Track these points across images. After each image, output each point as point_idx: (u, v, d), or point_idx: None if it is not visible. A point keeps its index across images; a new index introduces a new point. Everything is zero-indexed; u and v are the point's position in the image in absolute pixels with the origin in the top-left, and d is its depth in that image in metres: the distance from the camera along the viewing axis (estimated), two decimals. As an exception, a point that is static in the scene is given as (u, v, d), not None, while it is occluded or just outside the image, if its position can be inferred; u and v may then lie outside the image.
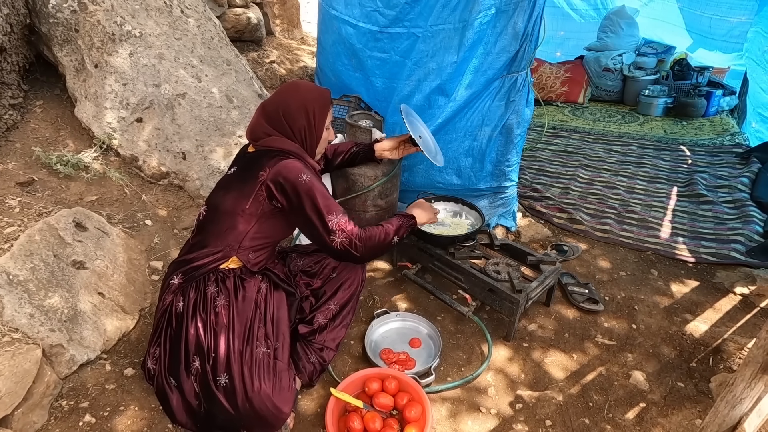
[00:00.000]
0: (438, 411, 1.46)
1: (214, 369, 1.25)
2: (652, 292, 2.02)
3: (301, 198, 1.33)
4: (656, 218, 2.64)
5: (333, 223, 1.35)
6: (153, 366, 1.37)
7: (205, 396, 1.27)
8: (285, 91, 1.46)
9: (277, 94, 1.45)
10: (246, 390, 1.23)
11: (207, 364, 1.26)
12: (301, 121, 1.41)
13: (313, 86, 1.51)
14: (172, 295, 1.36)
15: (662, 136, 4.11)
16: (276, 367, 1.29)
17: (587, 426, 1.43)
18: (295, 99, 1.42)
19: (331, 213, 1.36)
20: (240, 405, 1.23)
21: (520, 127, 2.18)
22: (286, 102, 1.42)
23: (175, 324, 1.33)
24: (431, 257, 1.93)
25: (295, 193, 1.33)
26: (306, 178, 1.34)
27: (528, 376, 1.60)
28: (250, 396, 1.23)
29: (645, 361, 1.66)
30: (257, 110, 1.46)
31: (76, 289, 1.54)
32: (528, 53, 2.02)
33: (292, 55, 3.63)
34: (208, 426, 1.30)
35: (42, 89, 2.20)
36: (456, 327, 1.81)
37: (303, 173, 1.35)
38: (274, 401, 1.24)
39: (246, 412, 1.24)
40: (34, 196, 1.82)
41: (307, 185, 1.34)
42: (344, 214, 1.39)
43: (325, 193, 1.38)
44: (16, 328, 1.31)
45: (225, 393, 1.24)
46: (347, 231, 1.37)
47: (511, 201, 2.37)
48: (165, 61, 2.11)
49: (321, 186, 1.38)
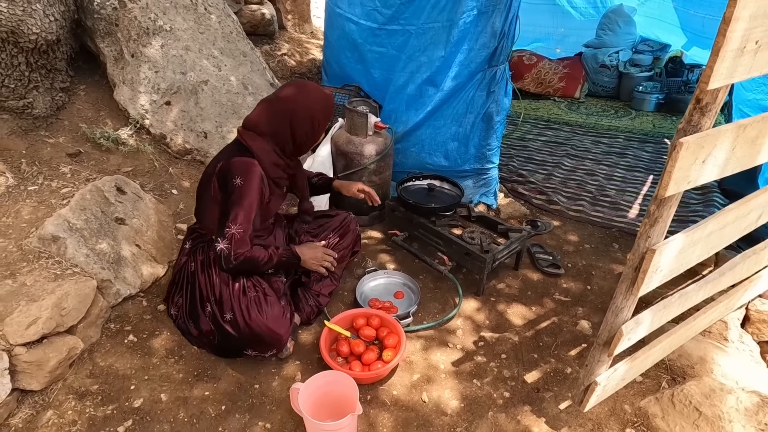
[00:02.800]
0: (413, 345, 1.77)
1: (221, 309, 1.55)
2: (610, 261, 2.30)
3: (227, 194, 1.50)
4: (627, 201, 2.91)
5: (228, 231, 1.47)
6: (175, 312, 1.71)
7: (217, 329, 1.58)
8: (296, 95, 1.55)
9: (288, 96, 1.55)
10: (245, 319, 1.52)
11: (215, 306, 1.57)
12: (305, 127, 1.56)
13: (320, 93, 1.59)
14: (186, 257, 1.68)
15: (650, 129, 4.33)
16: (267, 301, 1.57)
17: (536, 359, 1.73)
18: (304, 106, 1.54)
19: (235, 222, 1.47)
20: (243, 330, 1.52)
21: (500, 115, 2.46)
22: (295, 107, 1.53)
23: (191, 279, 1.65)
24: (416, 225, 2.23)
25: (225, 188, 1.50)
26: (240, 181, 1.47)
27: (491, 322, 1.90)
28: (249, 323, 1.51)
29: (593, 314, 1.95)
30: (263, 104, 1.58)
31: (119, 240, 1.87)
32: (506, 49, 2.30)
33: (302, 48, 3.93)
34: (223, 349, 1.63)
35: (84, 76, 2.54)
36: (435, 284, 2.11)
37: (242, 177, 1.46)
38: (268, 325, 1.53)
39: (248, 335, 1.53)
40: (81, 165, 2.16)
41: (237, 189, 1.47)
42: (246, 232, 1.48)
43: (248, 205, 1.48)
44: (76, 264, 1.65)
45: (231, 324, 1.54)
46: (232, 245, 1.47)
47: (493, 181, 2.66)
48: (191, 52, 2.43)
49: (251, 197, 1.48)
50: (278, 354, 1.64)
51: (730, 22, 0.73)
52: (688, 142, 0.85)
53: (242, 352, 1.61)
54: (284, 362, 1.66)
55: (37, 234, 1.65)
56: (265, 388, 1.56)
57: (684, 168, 0.88)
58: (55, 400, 1.43)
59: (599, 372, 1.27)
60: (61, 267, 1.61)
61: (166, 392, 1.51)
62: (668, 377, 1.61)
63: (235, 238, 1.48)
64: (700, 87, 0.82)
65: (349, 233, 1.95)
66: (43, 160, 2.07)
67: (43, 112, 2.19)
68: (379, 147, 2.33)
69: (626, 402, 1.53)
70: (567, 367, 1.69)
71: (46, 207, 1.82)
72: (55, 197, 1.89)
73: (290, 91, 1.58)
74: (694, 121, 0.89)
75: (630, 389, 1.57)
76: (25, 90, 2.11)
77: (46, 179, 1.98)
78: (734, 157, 0.98)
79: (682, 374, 1.61)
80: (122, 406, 1.45)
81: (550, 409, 1.52)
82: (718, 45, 0.76)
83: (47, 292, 1.48)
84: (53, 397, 1.44)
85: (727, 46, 0.76)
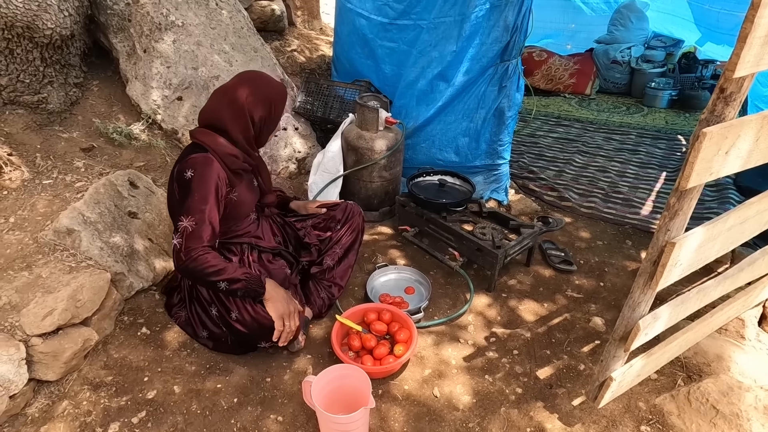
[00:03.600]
0: (424, 341, 1.76)
1: (225, 309, 1.55)
2: (623, 258, 2.27)
3: (178, 188, 1.45)
4: (640, 198, 2.87)
5: (180, 224, 1.40)
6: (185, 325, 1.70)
7: (227, 328, 1.57)
8: (250, 80, 1.52)
9: (242, 83, 1.50)
10: (251, 314, 1.51)
11: (219, 307, 1.56)
12: (262, 112, 1.52)
13: (273, 79, 1.57)
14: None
15: (662, 126, 4.27)
16: None
17: (548, 355, 1.71)
18: (261, 90, 1.50)
19: (186, 215, 1.39)
20: (251, 325, 1.51)
21: (511, 110, 2.44)
22: (251, 91, 1.49)
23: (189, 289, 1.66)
24: (427, 221, 2.22)
25: (177, 182, 1.45)
26: (191, 173, 1.41)
27: (503, 318, 1.89)
28: (255, 317, 1.50)
29: (606, 310, 1.93)
30: (216, 95, 1.51)
31: (132, 234, 1.89)
32: (518, 44, 2.28)
33: (311, 45, 3.93)
34: (238, 346, 1.62)
35: (97, 71, 2.56)
36: (446, 280, 2.10)
37: (193, 169, 1.41)
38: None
39: (258, 329, 1.52)
40: (95, 159, 2.18)
41: (188, 182, 1.41)
42: (198, 225, 1.38)
43: (200, 197, 1.39)
44: (90, 257, 1.66)
45: (239, 321, 1.52)
46: (183, 240, 1.39)
47: (504, 177, 2.64)
48: (202, 47, 2.44)
49: (203, 188, 1.40)
50: (290, 348, 1.64)
51: (759, 8, 0.72)
52: (711, 132, 0.83)
53: (257, 345, 1.61)
54: (295, 356, 1.66)
55: (53, 227, 1.67)
56: (277, 381, 1.57)
57: (707, 159, 0.86)
58: (71, 390, 1.45)
59: (614, 368, 1.25)
60: (76, 260, 1.63)
61: (178, 384, 1.52)
62: (684, 375, 1.59)
63: (187, 232, 1.38)
64: (725, 75, 0.80)
65: (355, 216, 1.93)
66: (58, 155, 2.09)
67: (57, 107, 2.21)
68: (390, 142, 2.32)
69: (641, 399, 1.51)
70: (580, 363, 1.67)
71: (60, 200, 1.83)
72: (70, 191, 1.90)
73: (243, 78, 1.54)
74: (717, 111, 0.87)
75: (644, 386, 1.55)
76: (40, 85, 2.13)
77: (60, 173, 2.00)
78: (758, 149, 0.96)
79: (698, 372, 1.58)
80: (136, 398, 1.46)
81: (563, 406, 1.50)
82: (745, 31, 0.74)
83: (63, 284, 1.49)
84: (68, 387, 1.45)
85: (755, 33, 0.74)
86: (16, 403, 1.31)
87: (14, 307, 1.42)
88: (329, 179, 2.41)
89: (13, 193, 1.84)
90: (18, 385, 1.29)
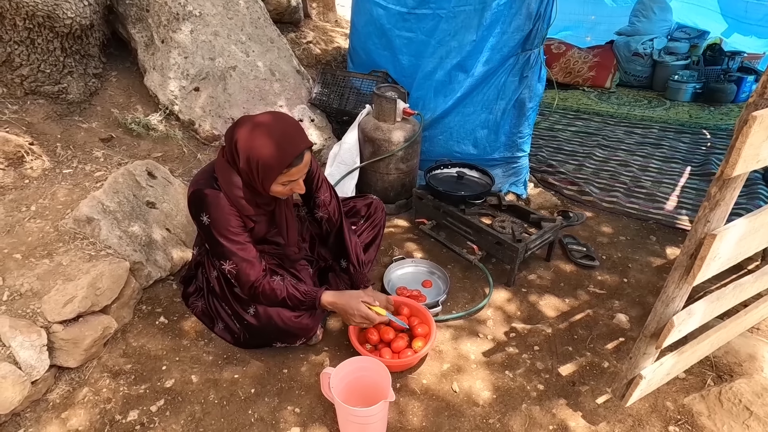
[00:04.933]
0: (442, 335, 1.73)
1: (242, 305, 1.53)
2: (648, 254, 2.20)
3: (201, 228, 1.41)
4: (664, 193, 2.78)
5: (223, 268, 1.42)
6: (201, 316, 1.69)
7: (242, 325, 1.55)
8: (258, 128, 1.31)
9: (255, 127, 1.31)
10: (269, 313, 1.49)
11: (236, 304, 1.55)
12: (243, 165, 1.33)
13: (280, 143, 1.30)
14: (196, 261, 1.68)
15: (686, 120, 4.15)
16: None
17: (570, 352, 1.66)
18: (251, 144, 1.29)
19: (223, 259, 1.40)
20: (267, 324, 1.50)
21: (532, 101, 2.38)
22: (249, 138, 1.30)
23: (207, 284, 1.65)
24: (445, 214, 2.18)
25: (197, 220, 1.41)
26: (207, 219, 1.37)
27: (523, 313, 1.85)
28: (273, 317, 1.48)
29: (630, 307, 1.87)
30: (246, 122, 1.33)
31: (150, 223, 1.89)
32: (540, 32, 2.21)
33: (326, 37, 3.90)
34: (249, 345, 1.60)
35: (115, 62, 2.56)
36: (464, 274, 2.06)
37: (208, 214, 1.36)
38: (293, 318, 1.50)
39: (274, 329, 1.50)
40: (113, 149, 2.19)
41: (207, 228, 1.38)
42: (240, 264, 1.39)
43: (228, 240, 1.37)
44: (109, 246, 1.66)
45: (256, 318, 1.51)
46: (234, 281, 1.44)
47: (523, 170, 2.58)
48: (219, 37, 2.43)
49: (227, 232, 1.37)
50: (307, 342, 1.63)
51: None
52: (762, 116, 0.78)
53: (271, 344, 1.60)
54: (313, 348, 1.65)
55: (73, 215, 1.68)
56: (294, 373, 1.55)
57: (755, 145, 0.81)
58: (90, 377, 1.46)
59: (644, 365, 1.20)
60: (95, 248, 1.63)
61: (196, 374, 1.52)
62: (713, 374, 1.53)
63: (232, 275, 1.43)
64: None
65: (378, 212, 1.91)
66: (77, 144, 2.10)
67: (76, 97, 2.22)
68: (408, 133, 2.28)
69: (668, 399, 1.46)
70: (604, 361, 1.62)
71: (80, 189, 1.84)
72: (89, 180, 1.91)
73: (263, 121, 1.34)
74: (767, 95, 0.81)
75: (672, 386, 1.50)
76: (60, 75, 2.14)
77: (80, 163, 2.01)
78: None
79: (729, 372, 1.52)
80: (155, 386, 1.46)
81: (587, 404, 1.46)
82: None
83: (83, 272, 1.50)
84: (88, 374, 1.46)
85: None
86: (37, 388, 1.32)
87: (36, 294, 1.43)
88: (345, 171, 2.39)
89: (34, 182, 1.85)
90: (39, 371, 1.29)
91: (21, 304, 1.39)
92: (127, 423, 1.35)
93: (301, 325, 1.52)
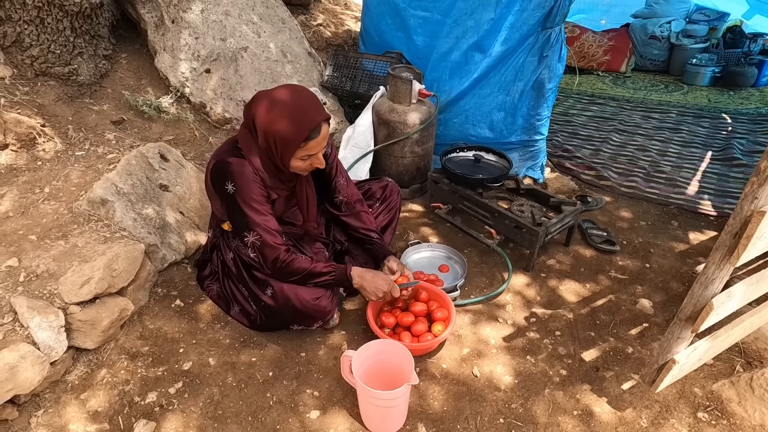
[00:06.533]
0: (461, 319, 1.70)
1: (260, 287, 1.51)
2: (669, 239, 2.15)
3: (225, 199, 1.39)
4: (685, 178, 2.71)
5: (247, 240, 1.39)
6: (217, 299, 1.67)
7: (259, 307, 1.53)
8: (274, 103, 1.29)
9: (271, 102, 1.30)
10: (287, 295, 1.46)
11: (254, 285, 1.52)
12: (261, 141, 1.34)
13: (296, 117, 1.29)
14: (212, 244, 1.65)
15: (705, 104, 4.04)
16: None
17: (593, 338, 1.63)
18: (268, 119, 1.29)
19: (248, 230, 1.37)
20: (285, 305, 1.47)
21: (552, 82, 2.31)
22: (265, 113, 1.29)
23: (222, 266, 1.62)
24: (461, 198, 2.13)
25: (221, 192, 1.39)
26: (233, 188, 1.35)
27: (543, 298, 1.81)
28: (291, 298, 1.46)
29: (653, 293, 1.83)
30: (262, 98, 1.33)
31: (164, 206, 1.86)
32: (563, 9, 2.13)
33: (336, 19, 3.82)
34: (265, 327, 1.58)
35: (125, 44, 2.52)
36: (481, 259, 2.03)
37: (232, 182, 1.35)
38: (313, 301, 1.47)
39: (292, 310, 1.48)
40: (125, 132, 2.16)
41: (231, 196, 1.36)
42: (264, 235, 1.37)
43: (252, 210, 1.36)
44: (124, 228, 1.64)
45: (273, 299, 1.48)
46: (258, 253, 1.41)
47: (540, 154, 2.52)
48: (230, 17, 2.37)
49: (251, 200, 1.36)
50: (324, 325, 1.60)
51: None
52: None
53: (288, 327, 1.57)
54: (329, 332, 1.63)
55: (87, 197, 1.66)
56: (312, 356, 1.53)
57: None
58: (108, 359, 1.45)
59: (677, 350, 1.16)
60: (110, 230, 1.61)
61: (213, 357, 1.50)
62: (742, 361, 1.49)
63: (256, 246, 1.40)
64: None
65: (393, 195, 1.87)
66: (89, 127, 2.07)
67: (87, 79, 2.19)
68: (424, 115, 2.23)
69: (696, 385, 1.42)
70: (628, 346, 1.59)
71: (93, 171, 1.82)
72: (102, 162, 1.89)
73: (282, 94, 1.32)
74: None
75: (699, 372, 1.46)
76: (70, 56, 2.10)
77: (92, 145, 1.98)
78: None
79: (758, 358, 1.48)
80: (172, 368, 1.45)
81: (612, 389, 1.43)
82: None
83: (98, 254, 1.48)
84: (106, 356, 1.45)
85: None
86: (56, 369, 1.31)
87: (52, 275, 1.41)
88: (359, 154, 2.34)
89: (47, 164, 1.83)
90: (58, 352, 1.28)
91: (38, 285, 1.37)
92: (146, 404, 1.34)
93: (319, 308, 1.49)
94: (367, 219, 1.69)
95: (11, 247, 1.47)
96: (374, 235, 1.68)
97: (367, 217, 1.69)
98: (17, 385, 1.17)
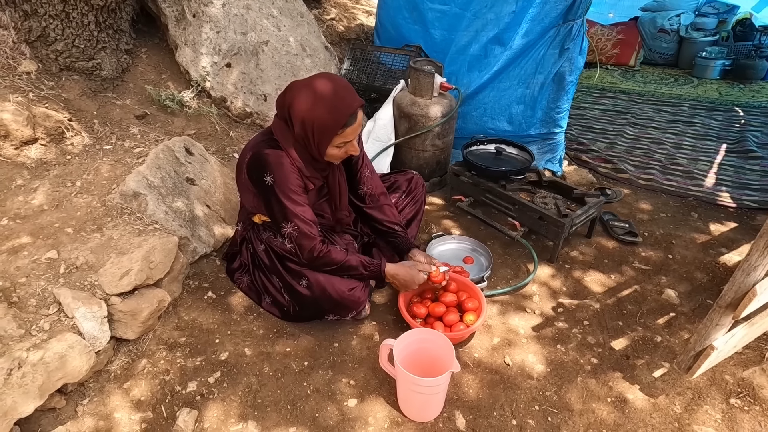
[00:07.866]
0: (490, 310, 1.72)
1: (294, 277, 1.52)
2: (691, 231, 2.16)
3: (262, 191, 1.41)
4: (701, 170, 2.73)
5: (284, 231, 1.42)
6: (248, 291, 1.68)
7: (293, 297, 1.54)
8: (309, 91, 1.31)
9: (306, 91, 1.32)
10: (322, 285, 1.48)
11: (287, 276, 1.53)
12: (298, 131, 1.35)
13: (334, 104, 1.31)
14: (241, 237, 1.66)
15: (716, 98, 4.05)
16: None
17: (621, 327, 1.65)
18: (306, 107, 1.31)
19: (285, 221, 1.39)
20: (321, 295, 1.49)
21: (572, 75, 2.32)
22: (302, 102, 1.31)
23: (253, 258, 1.63)
24: (483, 190, 2.15)
25: (259, 184, 1.40)
26: (271, 179, 1.36)
27: (569, 289, 1.83)
28: (327, 288, 1.48)
29: (678, 283, 1.85)
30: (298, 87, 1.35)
31: (192, 199, 1.88)
32: (585, 0, 2.14)
33: (348, 14, 3.81)
34: (299, 317, 1.59)
35: (145, 38, 2.52)
36: (504, 251, 2.04)
37: (270, 173, 1.36)
38: (346, 291, 1.49)
39: (328, 300, 1.49)
40: (149, 126, 2.17)
41: (270, 188, 1.37)
42: (301, 226, 1.39)
43: (290, 201, 1.38)
44: (156, 221, 1.66)
45: (309, 289, 1.50)
46: (295, 244, 1.43)
47: (558, 146, 2.53)
48: (251, 11, 2.37)
49: (289, 192, 1.37)
50: (356, 316, 1.62)
51: None
52: None
53: (322, 317, 1.59)
54: (360, 323, 1.65)
55: (119, 190, 1.67)
56: (345, 346, 1.56)
57: None
58: (148, 349, 1.47)
59: (715, 336, 1.18)
60: (143, 223, 1.63)
61: (249, 347, 1.52)
62: (771, 348, 1.51)
63: (293, 237, 1.42)
64: None
65: (418, 188, 1.89)
66: (114, 121, 2.08)
67: (110, 73, 2.19)
68: (445, 108, 2.24)
69: (726, 372, 1.45)
70: (656, 335, 1.61)
71: (122, 165, 1.83)
72: (129, 156, 1.90)
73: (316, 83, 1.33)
74: None
75: (729, 360, 1.48)
76: (94, 50, 2.11)
77: (118, 139, 1.99)
78: None
79: (786, 346, 1.51)
80: (210, 359, 1.47)
81: (644, 377, 1.45)
82: None
83: (134, 246, 1.49)
84: (146, 347, 1.47)
85: None
86: (99, 359, 1.33)
87: (91, 267, 1.43)
88: (380, 148, 2.35)
89: (76, 158, 1.84)
90: (102, 342, 1.30)
91: (78, 277, 1.39)
92: (187, 393, 1.36)
93: (354, 298, 1.51)
94: (390, 212, 1.70)
95: (49, 240, 1.49)
96: (398, 228, 1.69)
97: (390, 210, 1.70)
98: (67, 374, 1.19)
